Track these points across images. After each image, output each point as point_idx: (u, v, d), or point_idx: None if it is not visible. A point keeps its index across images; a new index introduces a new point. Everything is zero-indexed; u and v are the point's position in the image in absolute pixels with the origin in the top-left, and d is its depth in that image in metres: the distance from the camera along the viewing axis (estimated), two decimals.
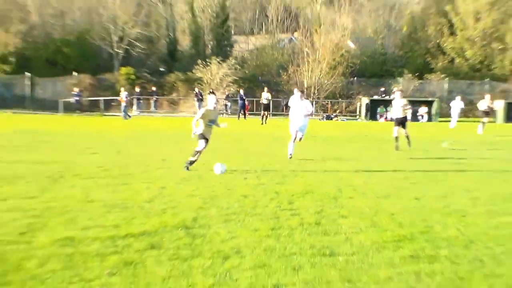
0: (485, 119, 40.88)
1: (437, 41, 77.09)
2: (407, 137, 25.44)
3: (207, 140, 17.11)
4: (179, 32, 77.52)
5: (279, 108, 62.94)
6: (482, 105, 41.94)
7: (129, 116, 51.86)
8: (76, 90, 61.94)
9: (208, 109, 17.25)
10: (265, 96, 51.12)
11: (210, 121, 17.07)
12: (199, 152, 17.15)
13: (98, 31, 72.52)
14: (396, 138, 25.33)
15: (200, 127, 17.07)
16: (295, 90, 22.52)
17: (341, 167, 18.65)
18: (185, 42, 77.25)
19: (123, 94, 52.31)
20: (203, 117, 17.00)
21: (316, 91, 67.08)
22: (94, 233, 9.35)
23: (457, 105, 48.62)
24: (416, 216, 11.23)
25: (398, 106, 25.81)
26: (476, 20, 75.96)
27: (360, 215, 11.16)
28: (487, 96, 43.19)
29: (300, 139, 21.15)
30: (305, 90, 59.20)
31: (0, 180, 14.60)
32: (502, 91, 68.95)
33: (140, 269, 7.63)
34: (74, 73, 66.72)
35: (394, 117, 26.15)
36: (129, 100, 55.02)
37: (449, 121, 50.53)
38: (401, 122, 25.64)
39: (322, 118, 60.59)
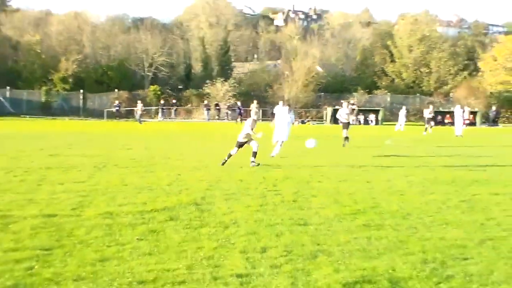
0: (431, 123, 40.57)
1: (382, 66, 77.48)
2: (347, 138, 24.95)
3: (246, 143, 15.96)
4: (193, 60, 77.32)
5: (267, 115, 62.80)
6: (427, 113, 41.57)
7: (141, 122, 51.29)
8: (116, 102, 61.83)
9: (253, 119, 16.50)
10: (254, 106, 51.24)
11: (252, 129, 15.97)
12: (255, 151, 15.84)
13: (134, 59, 72.59)
14: (346, 138, 24.96)
15: (242, 134, 15.99)
16: (281, 103, 22.13)
17: (312, 159, 18.55)
18: (197, 67, 77.05)
19: (139, 106, 52.41)
20: (252, 125, 15.97)
21: (294, 103, 67.03)
22: (127, 208, 9.22)
23: (402, 113, 48.13)
24: (367, 195, 11.14)
25: (344, 114, 25.43)
26: (409, 51, 76.49)
27: (326, 195, 11.07)
28: (431, 106, 42.96)
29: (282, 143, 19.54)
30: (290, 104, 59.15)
31: (59, 168, 14.49)
32: (428, 102, 69.12)
33: (162, 235, 7.50)
34: (116, 90, 66.57)
35: (341, 122, 25.63)
36: (143, 110, 54.82)
37: (392, 125, 50.52)
38: (347, 126, 25.23)
39: (298, 123, 60.52)
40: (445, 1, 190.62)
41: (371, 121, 61.29)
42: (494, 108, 64.76)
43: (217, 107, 64.82)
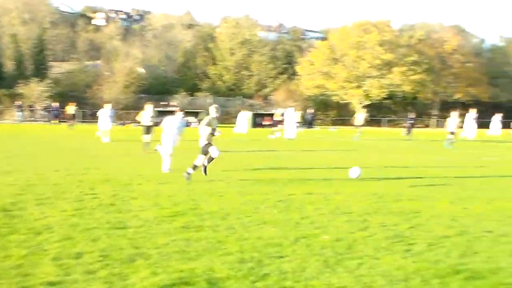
0: (280, 126, 40.49)
1: (204, 68, 78.70)
2: (148, 143, 23.19)
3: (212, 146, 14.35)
4: (5, 58, 73.13)
5: (86, 117, 61.00)
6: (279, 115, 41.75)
7: None
8: None
9: (212, 118, 14.50)
10: (71, 108, 49.43)
11: (213, 129, 14.43)
12: (213, 157, 14.30)
13: None
14: (147, 143, 23.87)
15: (203, 137, 14.44)
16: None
17: (131, 161, 18.34)
18: (10, 65, 72.99)
19: None
20: (208, 124, 14.32)
21: (115, 105, 65.78)
22: None
23: (243, 116, 46.73)
24: (187, 197, 11.21)
25: (147, 116, 24.60)
26: (231, 54, 78.55)
27: (146, 197, 10.98)
28: (280, 109, 43.52)
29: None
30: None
31: None
32: (249, 105, 71.54)
33: None
34: None
35: (144, 125, 24.81)
36: None
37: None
38: (148, 129, 24.37)
39: (121, 124, 59.55)
40: (266, 7, 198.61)
41: (191, 123, 61.83)
42: (311, 110, 68.13)
43: (31, 108, 61.95)
